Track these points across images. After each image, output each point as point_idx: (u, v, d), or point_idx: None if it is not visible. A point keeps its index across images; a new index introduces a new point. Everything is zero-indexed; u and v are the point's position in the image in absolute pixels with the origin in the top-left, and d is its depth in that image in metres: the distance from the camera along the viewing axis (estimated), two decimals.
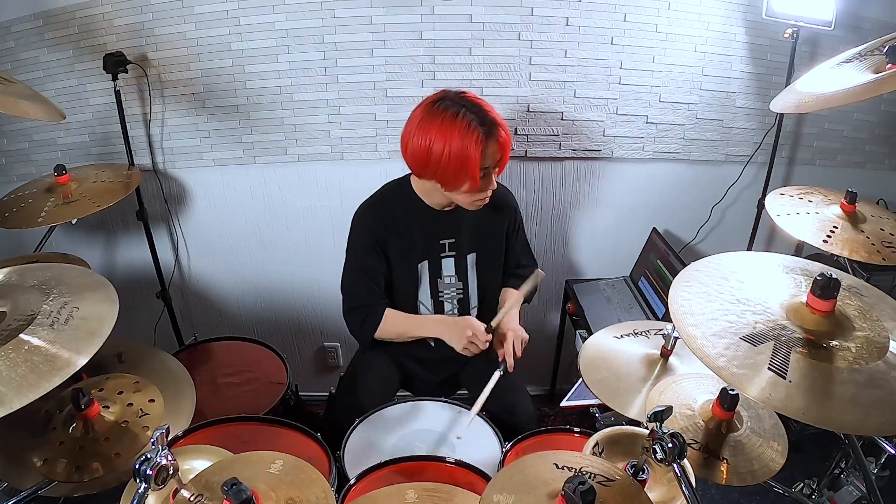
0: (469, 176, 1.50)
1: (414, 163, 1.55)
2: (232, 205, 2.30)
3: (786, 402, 0.86)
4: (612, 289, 2.33)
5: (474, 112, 1.48)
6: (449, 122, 1.47)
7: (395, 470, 1.39)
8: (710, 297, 1.03)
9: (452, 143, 1.46)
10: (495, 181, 1.57)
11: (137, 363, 1.48)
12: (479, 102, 1.51)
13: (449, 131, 1.47)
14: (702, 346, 0.94)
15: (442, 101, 1.51)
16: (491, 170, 1.54)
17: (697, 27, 2.06)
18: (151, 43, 2.02)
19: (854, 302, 1.03)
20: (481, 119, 1.48)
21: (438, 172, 1.51)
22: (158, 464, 0.89)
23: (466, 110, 1.48)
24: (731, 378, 0.89)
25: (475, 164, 1.48)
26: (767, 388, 0.88)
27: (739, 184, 2.32)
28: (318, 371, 2.68)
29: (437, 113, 1.49)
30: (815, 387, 0.88)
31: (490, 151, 1.50)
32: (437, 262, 1.72)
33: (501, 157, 1.54)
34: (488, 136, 1.48)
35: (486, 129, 1.47)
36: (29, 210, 1.77)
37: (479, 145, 1.46)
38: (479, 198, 1.58)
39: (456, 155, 1.47)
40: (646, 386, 1.34)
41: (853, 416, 0.86)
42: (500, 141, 1.50)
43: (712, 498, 2.14)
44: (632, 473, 1.06)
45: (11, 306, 1.07)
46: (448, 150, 1.47)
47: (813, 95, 1.31)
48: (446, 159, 1.48)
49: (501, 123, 1.51)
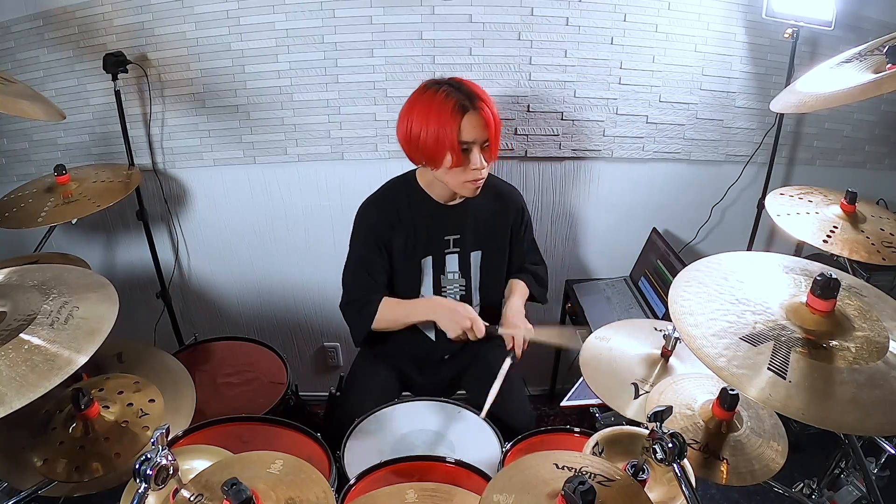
0: (448, 148, 1.49)
1: (404, 146, 1.57)
2: (232, 205, 2.30)
3: (785, 401, 0.86)
4: (612, 289, 2.33)
5: (454, 87, 1.50)
6: (429, 97, 1.50)
7: (395, 470, 1.38)
8: (710, 297, 1.03)
9: (430, 117, 1.48)
10: (483, 162, 1.53)
11: (137, 363, 1.48)
12: (465, 81, 1.53)
13: (429, 105, 1.49)
14: (701, 346, 0.93)
15: (429, 82, 1.54)
16: (475, 146, 1.51)
17: (697, 27, 2.06)
18: (151, 43, 2.02)
19: (854, 302, 1.03)
20: (461, 92, 1.49)
21: (422, 150, 1.52)
22: (158, 464, 0.89)
23: (447, 87, 1.50)
24: (730, 378, 0.89)
25: (452, 134, 1.47)
26: (767, 388, 0.88)
27: (739, 184, 2.32)
28: (318, 371, 2.68)
29: (421, 94, 1.53)
30: (814, 387, 0.88)
31: (469, 124, 1.48)
32: (441, 257, 1.71)
33: (487, 137, 1.52)
34: (465, 108, 1.48)
35: (462, 101, 1.48)
36: (29, 210, 1.77)
37: (455, 116, 1.47)
38: (468, 178, 1.55)
39: (433, 128, 1.48)
40: (645, 386, 1.34)
41: (853, 416, 0.86)
42: (482, 115, 1.49)
43: (712, 498, 2.14)
44: (632, 473, 1.06)
45: (11, 306, 1.07)
46: (426, 125, 1.49)
47: (813, 95, 1.31)
48: (425, 134, 1.49)
49: (485, 99, 1.51)
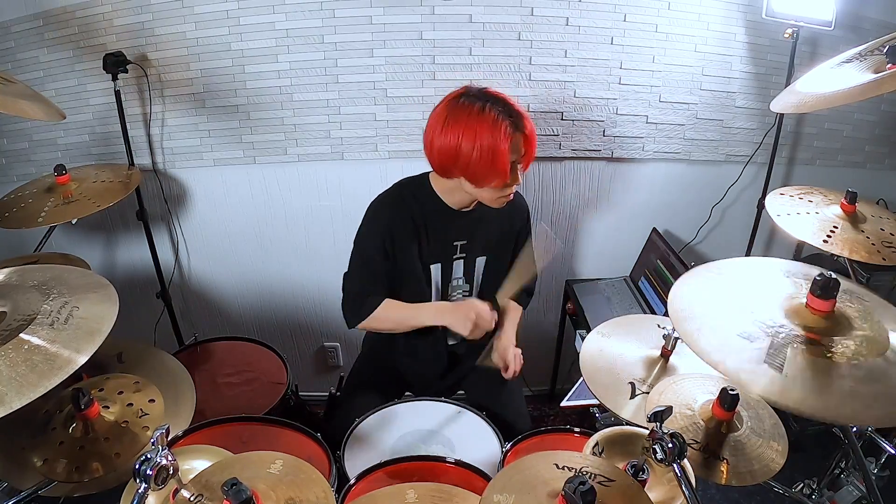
0: (499, 170, 1.47)
1: (441, 161, 1.51)
2: (232, 205, 2.30)
3: (783, 396, 0.87)
4: (612, 289, 2.33)
5: (499, 105, 1.46)
6: (476, 117, 1.44)
7: (395, 470, 1.38)
8: (710, 297, 1.04)
9: (482, 138, 1.43)
10: (520, 177, 1.54)
11: (137, 363, 1.48)
12: (502, 96, 1.49)
13: (478, 126, 1.44)
14: (700, 344, 0.94)
15: (465, 96, 1.48)
16: (517, 163, 1.51)
17: (697, 27, 2.06)
18: (151, 43, 2.02)
19: (855, 305, 1.03)
20: (508, 111, 1.46)
21: (468, 169, 1.48)
22: (158, 464, 0.89)
23: (491, 104, 1.45)
24: (764, 392, 0.89)
25: (505, 157, 1.45)
26: (767, 384, 0.88)
27: (739, 184, 2.32)
28: (318, 371, 2.68)
29: (463, 108, 1.46)
30: (813, 381, 0.88)
31: (517, 144, 1.47)
32: (450, 264, 1.69)
33: (527, 151, 1.51)
34: (516, 129, 1.46)
35: (513, 121, 1.45)
36: (29, 210, 1.76)
37: (507, 138, 1.44)
38: (504, 194, 1.54)
39: (487, 149, 1.44)
40: (643, 386, 1.34)
41: (850, 408, 0.87)
42: (526, 132, 1.48)
43: (712, 498, 2.14)
44: (632, 473, 1.06)
45: (11, 306, 1.07)
46: (479, 145, 1.44)
47: (813, 95, 1.31)
48: (477, 155, 1.44)
49: (526, 115, 1.49)
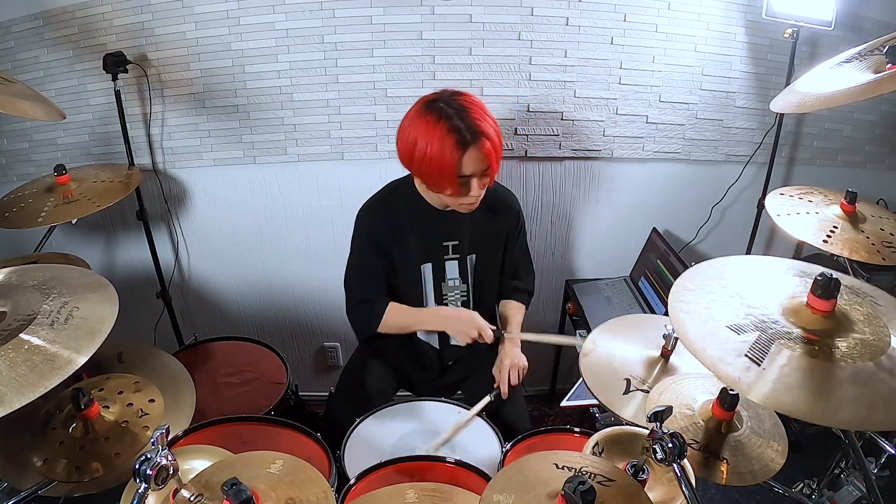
0: (448, 182, 1.47)
1: (401, 158, 1.54)
2: (232, 205, 2.30)
3: (751, 389, 0.88)
4: (612, 289, 2.33)
5: (460, 118, 1.43)
6: (432, 125, 1.44)
7: (395, 470, 1.39)
8: (710, 297, 1.04)
9: (432, 147, 1.44)
10: (480, 189, 1.51)
11: (137, 363, 1.48)
12: (469, 107, 1.46)
13: (431, 134, 1.44)
14: (700, 345, 0.94)
15: (435, 101, 1.48)
16: (475, 177, 1.49)
17: (697, 27, 2.06)
18: (151, 43, 2.02)
19: (864, 308, 1.02)
20: (465, 126, 1.43)
21: (421, 172, 1.51)
22: (158, 464, 0.89)
23: (453, 114, 1.44)
24: (735, 383, 0.89)
25: (451, 171, 1.44)
26: (740, 375, 0.89)
27: (739, 184, 2.32)
28: (318, 371, 2.68)
29: (426, 113, 1.47)
30: (813, 385, 0.88)
31: (469, 160, 1.44)
32: (441, 264, 1.71)
33: (488, 167, 1.48)
34: (466, 145, 1.43)
35: (464, 138, 1.42)
36: (29, 210, 1.77)
37: (455, 153, 1.43)
38: (464, 202, 1.54)
39: (435, 159, 1.44)
40: (640, 383, 1.34)
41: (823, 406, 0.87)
42: (484, 150, 1.44)
43: (712, 498, 2.14)
44: (632, 473, 1.06)
45: (11, 306, 1.07)
46: (428, 155, 1.45)
47: (813, 95, 1.31)
48: (427, 161, 1.46)
49: (487, 132, 1.45)
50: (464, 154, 1.44)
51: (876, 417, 0.85)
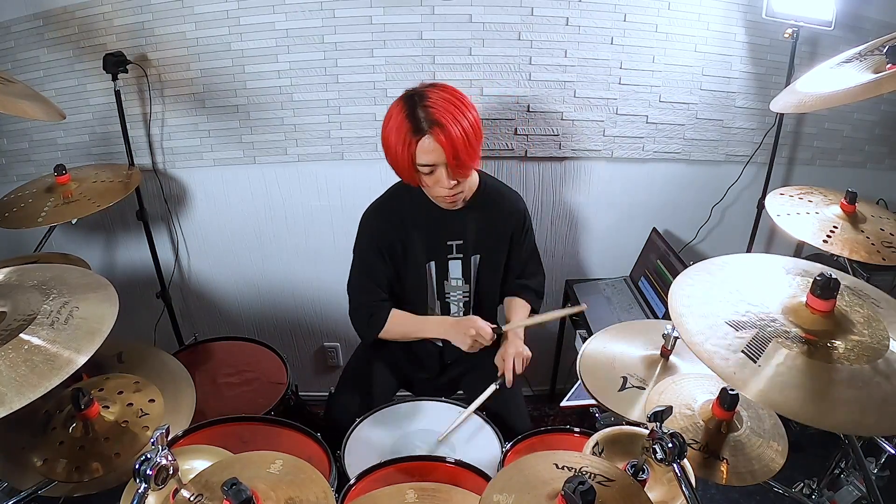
0: (405, 171, 1.50)
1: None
2: (232, 205, 2.30)
3: (784, 400, 0.87)
4: (612, 289, 2.33)
5: (421, 107, 1.44)
6: (395, 114, 1.48)
7: (395, 470, 1.39)
8: (710, 297, 1.04)
9: (392, 135, 1.48)
10: (450, 182, 1.50)
11: (137, 363, 1.48)
12: (434, 98, 1.45)
13: (392, 122, 1.48)
14: (698, 339, 0.94)
15: (410, 93, 1.50)
16: (438, 168, 1.48)
17: (697, 27, 2.06)
18: (151, 43, 2.02)
19: (864, 310, 1.02)
20: (423, 115, 1.43)
21: (389, 160, 1.54)
22: (158, 464, 0.89)
23: (411, 106, 1.45)
24: (731, 378, 0.90)
25: (405, 161, 1.47)
26: (736, 371, 0.89)
27: (739, 184, 2.32)
28: (318, 371, 2.68)
29: (397, 103, 1.50)
30: (807, 385, 0.88)
31: (424, 150, 1.45)
32: (444, 263, 1.71)
33: (449, 155, 1.45)
34: (417, 135, 1.44)
35: (417, 127, 1.43)
36: (29, 210, 1.77)
37: (407, 140, 1.45)
38: (441, 194, 1.55)
39: (392, 147, 1.49)
40: (636, 381, 1.35)
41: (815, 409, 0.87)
42: (438, 140, 1.43)
43: (712, 498, 2.14)
44: (632, 473, 1.06)
45: (11, 306, 1.07)
46: (390, 140, 1.49)
47: (813, 95, 1.31)
48: (389, 149, 1.50)
49: (443, 123, 1.42)
50: (417, 142, 1.45)
51: (868, 422, 0.85)
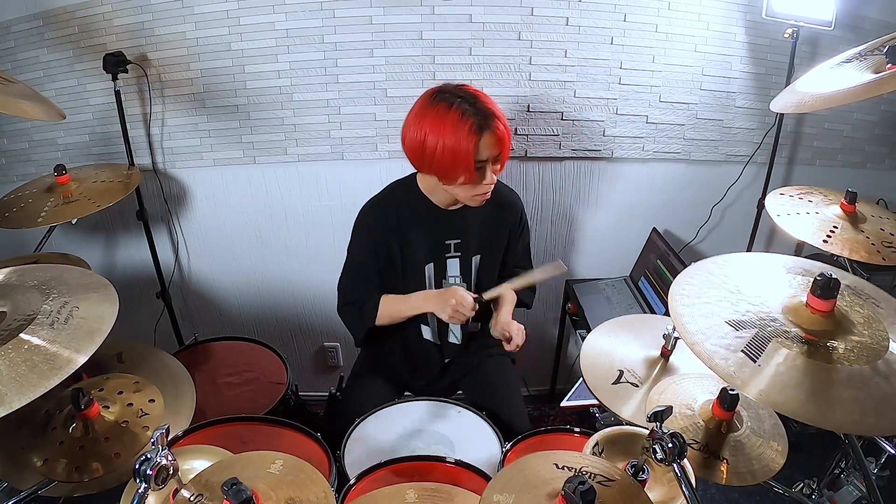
0: (464, 169, 1.46)
1: (411, 155, 1.53)
2: (232, 205, 2.30)
3: (784, 400, 0.87)
4: (612, 289, 2.33)
5: (470, 103, 1.45)
6: (443, 114, 1.44)
7: (395, 470, 1.38)
8: (710, 297, 1.04)
9: (446, 135, 1.44)
10: (493, 176, 1.52)
11: (137, 363, 1.48)
12: (477, 94, 1.48)
13: (442, 123, 1.44)
14: (698, 338, 0.94)
15: (440, 93, 1.48)
16: (489, 163, 1.49)
17: (697, 27, 2.06)
18: (151, 43, 2.02)
19: (865, 310, 1.02)
20: (476, 110, 1.44)
21: (434, 165, 1.49)
22: (158, 464, 0.89)
23: (462, 101, 1.45)
24: (730, 378, 0.90)
25: (468, 155, 1.44)
26: (765, 386, 0.88)
27: (739, 184, 2.32)
28: (318, 371, 2.68)
29: (433, 104, 1.47)
30: (806, 385, 0.88)
31: (485, 144, 1.45)
32: (443, 262, 1.70)
33: (500, 152, 1.50)
34: (483, 128, 1.44)
35: (480, 120, 1.44)
36: (29, 210, 1.77)
37: (472, 136, 1.43)
38: (477, 192, 1.54)
39: (450, 147, 1.44)
40: (644, 386, 1.34)
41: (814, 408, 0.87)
42: (497, 134, 1.46)
43: (712, 498, 2.14)
44: (632, 473, 1.06)
45: (11, 306, 1.07)
46: (442, 143, 1.44)
47: (813, 95, 1.31)
48: (441, 152, 1.45)
49: (499, 116, 1.47)
50: (480, 138, 1.44)
51: (867, 422, 0.85)
